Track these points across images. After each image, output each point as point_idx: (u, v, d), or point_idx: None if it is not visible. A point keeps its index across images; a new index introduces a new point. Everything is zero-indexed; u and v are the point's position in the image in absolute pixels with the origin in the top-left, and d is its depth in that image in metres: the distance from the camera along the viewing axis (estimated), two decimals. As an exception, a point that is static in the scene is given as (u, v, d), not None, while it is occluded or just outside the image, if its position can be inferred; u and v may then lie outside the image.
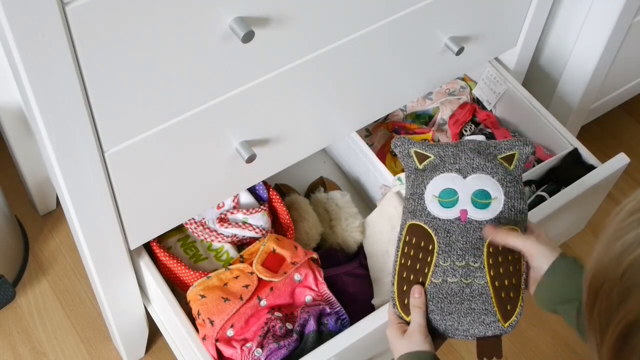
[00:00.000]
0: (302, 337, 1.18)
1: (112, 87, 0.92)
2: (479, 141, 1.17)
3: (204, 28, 0.94)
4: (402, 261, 1.09)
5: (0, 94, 1.33)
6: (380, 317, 1.15)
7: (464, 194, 1.10)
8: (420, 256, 1.09)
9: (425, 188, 1.12)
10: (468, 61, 1.40)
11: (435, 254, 1.08)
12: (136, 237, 1.16)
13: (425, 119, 1.55)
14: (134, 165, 1.04)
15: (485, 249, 1.08)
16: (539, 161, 1.42)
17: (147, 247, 1.24)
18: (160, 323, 1.32)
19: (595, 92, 1.59)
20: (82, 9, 0.82)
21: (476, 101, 1.55)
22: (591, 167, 1.36)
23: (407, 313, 1.07)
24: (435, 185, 1.11)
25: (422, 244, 1.09)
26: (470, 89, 1.54)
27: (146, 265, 1.22)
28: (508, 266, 1.08)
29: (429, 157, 1.14)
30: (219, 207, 1.29)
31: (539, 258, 1.04)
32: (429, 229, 1.09)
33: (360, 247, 1.35)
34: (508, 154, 1.14)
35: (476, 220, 1.09)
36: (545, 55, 1.59)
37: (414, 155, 1.15)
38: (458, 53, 1.29)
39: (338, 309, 1.22)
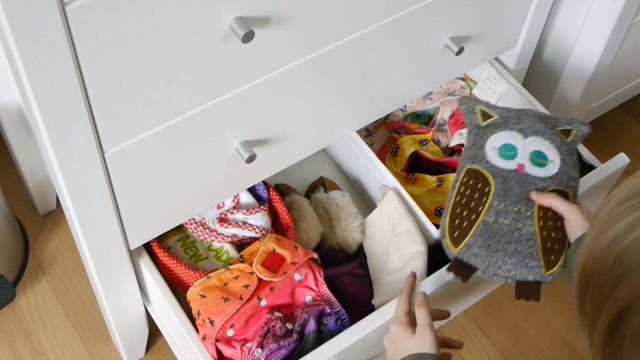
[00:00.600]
0: (302, 337, 1.18)
1: (112, 87, 0.92)
2: (539, 112, 1.26)
3: (204, 28, 0.94)
4: (457, 199, 1.17)
5: (0, 94, 1.33)
6: (380, 317, 1.15)
7: (523, 151, 1.19)
8: (475, 196, 1.16)
9: (486, 140, 1.20)
10: (468, 61, 1.40)
11: (491, 196, 1.15)
12: (136, 237, 1.16)
13: (425, 119, 1.55)
14: (134, 165, 1.04)
15: (536, 203, 1.15)
16: (539, 161, 1.42)
17: (147, 247, 1.24)
18: (160, 323, 1.32)
19: (595, 92, 1.59)
20: (82, 9, 0.82)
21: (476, 101, 1.55)
22: (591, 167, 1.36)
23: (455, 244, 1.14)
24: (497, 139, 1.20)
25: (479, 186, 1.17)
26: (470, 89, 1.54)
27: (146, 265, 1.22)
28: (556, 221, 1.14)
29: (493, 116, 1.24)
30: (219, 207, 1.29)
31: (576, 226, 1.09)
32: (487, 174, 1.17)
33: (360, 247, 1.35)
34: (566, 128, 1.24)
35: (532, 175, 1.17)
36: (545, 55, 1.59)
37: (478, 112, 1.25)
38: (458, 53, 1.29)
39: (338, 309, 1.22)
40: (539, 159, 1.19)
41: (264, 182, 1.32)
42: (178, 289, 1.24)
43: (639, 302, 0.56)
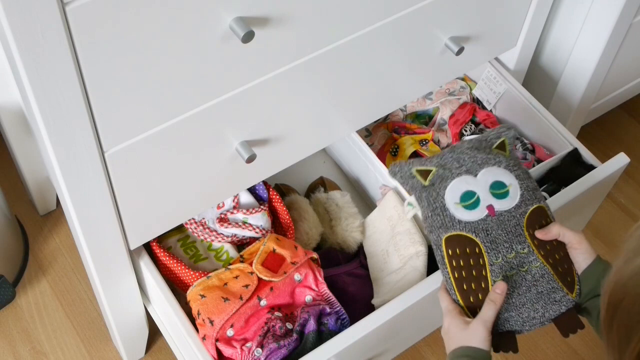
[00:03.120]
0: (302, 337, 1.18)
1: (112, 87, 0.92)
2: (469, 139, 1.22)
3: (204, 28, 0.94)
4: (456, 275, 1.10)
5: (0, 94, 1.33)
6: (380, 317, 1.15)
7: (482, 190, 1.14)
8: (471, 262, 1.11)
9: (444, 199, 1.14)
10: (468, 61, 1.40)
11: (484, 255, 1.10)
12: (136, 237, 1.17)
13: (425, 119, 1.55)
14: (134, 165, 1.04)
15: (525, 233, 1.12)
16: (539, 161, 1.42)
17: (147, 247, 1.24)
18: (160, 323, 1.32)
19: (595, 92, 1.59)
20: (82, 9, 0.82)
21: (476, 101, 1.55)
22: (591, 167, 1.36)
23: None
24: (453, 193, 1.14)
25: (468, 250, 1.11)
26: (470, 89, 1.54)
27: (146, 265, 1.22)
28: (551, 242, 1.12)
29: (431, 170, 1.17)
30: (219, 207, 1.29)
31: (586, 252, 1.09)
32: (468, 234, 1.12)
33: (360, 247, 1.35)
34: (498, 142, 1.20)
35: (505, 211, 1.13)
36: (545, 55, 1.59)
37: (417, 175, 1.18)
38: (458, 53, 1.29)
39: (338, 308, 1.22)
40: (498, 189, 1.15)
41: (264, 182, 1.32)
42: (178, 289, 1.24)
43: None
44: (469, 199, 1.14)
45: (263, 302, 1.19)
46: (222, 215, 1.28)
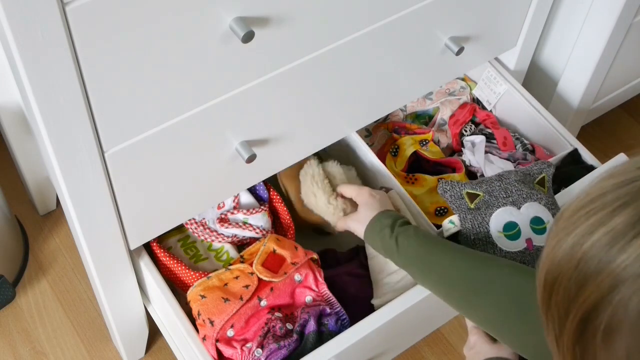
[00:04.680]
0: (302, 337, 1.18)
1: (112, 87, 0.92)
2: (515, 171, 1.27)
3: (204, 28, 0.94)
4: None
5: (0, 94, 1.33)
6: (380, 318, 1.15)
7: (523, 224, 1.19)
8: None
9: (488, 226, 1.20)
10: (468, 61, 1.40)
11: None
12: (136, 237, 1.16)
13: (425, 119, 1.55)
14: (134, 165, 1.04)
15: None
16: (539, 161, 1.42)
17: (147, 247, 1.24)
18: (160, 323, 1.32)
19: (595, 92, 1.59)
20: (82, 9, 0.82)
21: (476, 101, 1.55)
22: (591, 167, 1.36)
23: None
24: (497, 222, 1.20)
25: None
26: (470, 89, 1.54)
27: (146, 265, 1.22)
28: None
29: (479, 194, 1.23)
30: (219, 207, 1.29)
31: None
32: None
33: (361, 247, 1.35)
34: (539, 177, 1.26)
35: (542, 247, 1.15)
36: (545, 55, 1.59)
37: (466, 197, 1.23)
38: (458, 53, 1.29)
39: (338, 309, 1.22)
40: (538, 225, 1.20)
41: (265, 182, 1.32)
42: (178, 289, 1.24)
43: (606, 299, 0.58)
44: (511, 230, 1.19)
45: (263, 303, 1.19)
46: (223, 216, 1.28)
